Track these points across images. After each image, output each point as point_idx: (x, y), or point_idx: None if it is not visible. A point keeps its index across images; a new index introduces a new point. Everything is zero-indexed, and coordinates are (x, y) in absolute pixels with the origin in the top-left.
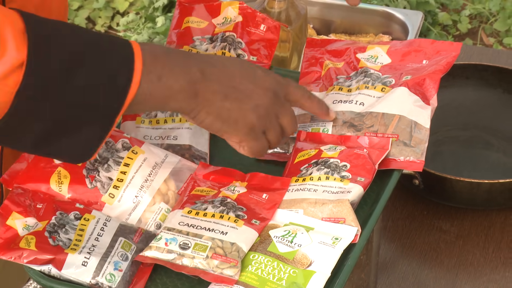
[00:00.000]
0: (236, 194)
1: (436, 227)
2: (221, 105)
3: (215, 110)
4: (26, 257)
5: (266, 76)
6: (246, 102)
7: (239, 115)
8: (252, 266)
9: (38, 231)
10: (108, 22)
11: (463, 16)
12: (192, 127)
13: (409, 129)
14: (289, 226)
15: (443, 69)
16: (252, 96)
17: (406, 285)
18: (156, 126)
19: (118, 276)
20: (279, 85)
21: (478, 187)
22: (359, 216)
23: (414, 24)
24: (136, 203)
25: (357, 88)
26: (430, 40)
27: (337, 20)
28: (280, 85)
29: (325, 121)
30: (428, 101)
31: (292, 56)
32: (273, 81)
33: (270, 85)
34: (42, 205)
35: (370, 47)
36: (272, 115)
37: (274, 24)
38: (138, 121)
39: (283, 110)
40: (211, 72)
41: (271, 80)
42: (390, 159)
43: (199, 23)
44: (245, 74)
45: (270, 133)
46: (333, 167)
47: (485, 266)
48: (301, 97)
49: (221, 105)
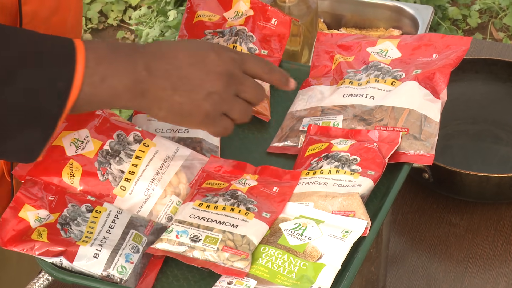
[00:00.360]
0: (247, 187)
1: (446, 220)
2: (171, 100)
3: (166, 105)
4: (38, 249)
5: (218, 58)
6: (198, 92)
7: (192, 107)
8: (263, 259)
9: (50, 223)
10: (120, 16)
11: (473, 10)
12: None
13: (419, 122)
14: (299, 219)
15: (453, 63)
16: (203, 85)
17: (415, 278)
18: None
19: (129, 268)
20: (234, 63)
21: (488, 181)
22: (369, 209)
23: (424, 18)
24: (148, 195)
25: (367, 81)
26: (440, 34)
27: (347, 15)
28: (235, 62)
29: (336, 114)
30: (438, 95)
31: (303, 50)
32: (226, 60)
33: (224, 67)
34: (54, 197)
35: (380, 41)
36: (228, 97)
37: (285, 18)
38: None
39: (242, 86)
40: (157, 67)
41: (225, 60)
42: (400, 153)
43: (210, 17)
44: (195, 61)
45: (232, 113)
46: (343, 160)
47: (494, 259)
48: (260, 70)
49: (171, 100)
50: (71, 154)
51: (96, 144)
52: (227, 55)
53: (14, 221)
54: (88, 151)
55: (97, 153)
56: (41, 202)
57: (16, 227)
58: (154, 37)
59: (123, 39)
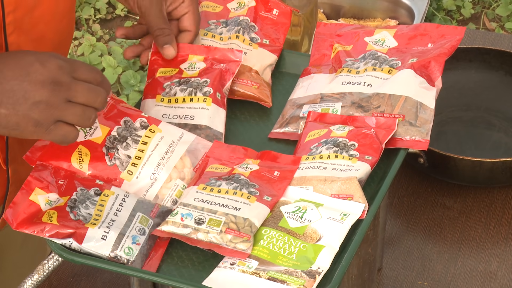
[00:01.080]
0: (249, 171)
1: (440, 203)
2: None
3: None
4: (48, 231)
5: (43, 67)
6: (22, 103)
7: (18, 118)
8: (264, 240)
9: (60, 206)
10: None
11: (467, 1)
12: (208, 107)
13: (415, 109)
14: (299, 202)
15: (447, 52)
16: (27, 95)
17: (411, 259)
18: (174, 105)
19: (136, 250)
20: (60, 70)
21: (481, 166)
22: (367, 193)
23: (420, 9)
24: (153, 179)
25: (365, 70)
26: (435, 24)
27: (346, 6)
28: (62, 69)
29: (334, 101)
30: (433, 83)
31: (303, 39)
32: (52, 69)
33: (48, 74)
34: (63, 181)
35: (377, 31)
36: (58, 104)
37: (286, 9)
38: (158, 99)
39: (72, 92)
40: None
41: (50, 69)
42: (396, 139)
43: (214, 8)
44: (18, 74)
45: (67, 118)
46: (341, 146)
47: (486, 241)
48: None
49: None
50: (80, 139)
51: (104, 130)
52: (53, 63)
53: (25, 204)
54: (96, 137)
55: (105, 139)
56: (51, 186)
57: (27, 210)
58: None
59: None
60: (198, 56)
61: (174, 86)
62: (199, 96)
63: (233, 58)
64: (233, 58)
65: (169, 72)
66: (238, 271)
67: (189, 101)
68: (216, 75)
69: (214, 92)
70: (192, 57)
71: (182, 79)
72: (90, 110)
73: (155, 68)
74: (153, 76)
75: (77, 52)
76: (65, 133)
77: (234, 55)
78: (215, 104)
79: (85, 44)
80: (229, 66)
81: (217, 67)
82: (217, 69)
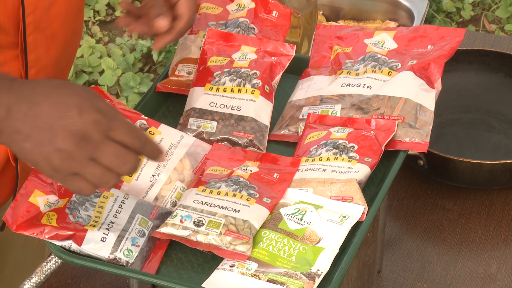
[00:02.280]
0: (249, 173)
1: (440, 205)
2: (22, 145)
3: (17, 148)
4: (48, 233)
5: (79, 117)
6: (46, 145)
7: (39, 158)
8: (264, 242)
9: (59, 208)
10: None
11: (466, 3)
12: (256, 99)
13: (415, 111)
14: (299, 204)
15: (447, 54)
16: (53, 139)
17: (410, 261)
18: (222, 94)
19: (135, 252)
20: (95, 125)
21: (480, 168)
22: (366, 195)
23: (419, 11)
24: (153, 181)
25: (364, 72)
26: (435, 26)
27: (345, 7)
28: (97, 125)
29: (334, 103)
30: (433, 85)
31: (303, 41)
32: (86, 121)
33: (80, 126)
34: None
35: (377, 33)
36: (80, 158)
37: (286, 11)
38: (207, 87)
39: (99, 152)
40: (18, 109)
41: (85, 121)
42: (396, 141)
43: (213, 9)
44: (53, 114)
45: (85, 176)
46: (341, 148)
47: (486, 243)
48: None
49: (22, 145)
50: None
51: None
52: (91, 115)
53: (24, 206)
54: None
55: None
56: (50, 188)
57: (27, 212)
58: None
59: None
60: (250, 47)
61: (224, 75)
62: (247, 88)
63: (284, 52)
64: (285, 52)
65: (220, 61)
66: (238, 273)
67: (237, 92)
68: (266, 68)
69: (262, 84)
70: (244, 48)
71: (233, 69)
72: (111, 175)
73: (207, 57)
74: (204, 64)
75: (76, 54)
76: (80, 188)
77: (286, 49)
78: (263, 97)
79: (84, 46)
80: (280, 60)
81: (267, 59)
82: (268, 62)
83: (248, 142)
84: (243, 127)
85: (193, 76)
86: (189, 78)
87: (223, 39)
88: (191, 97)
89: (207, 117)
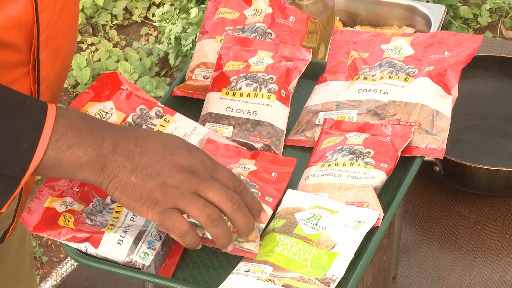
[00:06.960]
0: (247, 171)
1: (456, 212)
2: (127, 179)
3: (120, 184)
4: (65, 235)
5: (188, 155)
6: (153, 177)
7: (143, 191)
8: (279, 247)
9: (76, 211)
10: (144, 12)
11: (484, 10)
12: (272, 104)
13: (431, 117)
14: (314, 209)
15: (464, 60)
16: (161, 172)
17: (426, 268)
18: (239, 98)
19: (151, 255)
20: (203, 164)
21: (497, 174)
22: (382, 200)
23: (436, 17)
24: None
25: (381, 77)
26: (452, 32)
27: (362, 13)
28: (205, 165)
29: (350, 109)
30: (450, 91)
31: (320, 46)
32: (195, 159)
33: (190, 163)
34: (79, 189)
35: (394, 39)
36: (185, 192)
37: (303, 16)
38: (223, 92)
39: (204, 186)
40: (124, 145)
41: (194, 158)
42: (412, 147)
43: (231, 14)
44: (161, 150)
45: (187, 208)
46: (357, 153)
47: (502, 250)
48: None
49: (127, 179)
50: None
51: (119, 116)
52: (199, 155)
53: (40, 209)
54: (112, 122)
55: (121, 124)
56: (65, 193)
57: (44, 213)
58: (177, 33)
59: (146, 35)
60: (267, 52)
61: (240, 80)
62: (263, 92)
63: (300, 57)
64: (301, 57)
65: (237, 66)
66: (253, 277)
67: (254, 97)
68: (282, 72)
69: (279, 89)
70: (261, 53)
71: (249, 74)
72: (213, 208)
73: (224, 62)
74: (221, 69)
75: (93, 57)
76: (174, 222)
77: (303, 53)
78: (279, 102)
79: (101, 50)
80: (296, 64)
81: (284, 64)
82: (284, 66)
83: (264, 147)
84: (259, 131)
85: (209, 81)
86: (206, 83)
87: (240, 44)
88: (208, 102)
89: (223, 121)
